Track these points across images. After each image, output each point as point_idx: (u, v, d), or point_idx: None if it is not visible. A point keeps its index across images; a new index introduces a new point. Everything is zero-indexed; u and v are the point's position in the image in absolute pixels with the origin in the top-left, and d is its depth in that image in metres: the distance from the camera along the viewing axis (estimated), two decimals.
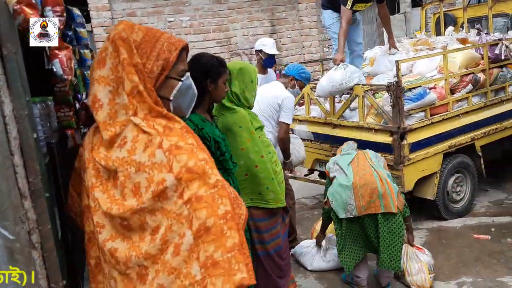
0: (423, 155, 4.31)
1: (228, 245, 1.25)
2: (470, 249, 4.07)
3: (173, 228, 1.28)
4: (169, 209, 1.29)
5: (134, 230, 1.35)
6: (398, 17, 17.06)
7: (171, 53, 1.45)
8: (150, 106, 1.38)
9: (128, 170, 1.34)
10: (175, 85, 1.50)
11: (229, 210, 1.28)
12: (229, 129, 2.83)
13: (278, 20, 7.68)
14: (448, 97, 4.46)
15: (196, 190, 1.28)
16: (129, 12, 6.74)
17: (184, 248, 1.27)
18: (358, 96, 4.46)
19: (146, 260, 1.31)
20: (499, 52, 4.60)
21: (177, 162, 1.30)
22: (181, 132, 1.38)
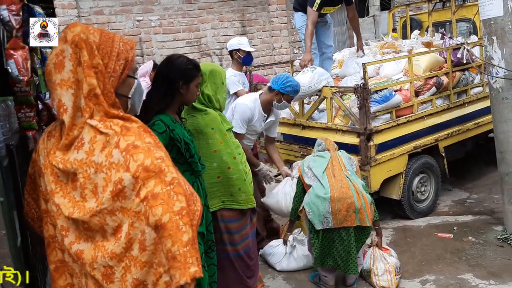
0: (389, 156, 4.40)
1: (184, 240, 1.29)
2: (434, 248, 4.18)
3: (135, 226, 1.32)
4: (128, 207, 1.32)
5: (96, 231, 1.37)
6: (368, 20, 17.34)
7: (129, 52, 1.49)
8: (105, 109, 1.40)
9: (87, 172, 1.35)
10: (133, 83, 1.55)
11: (184, 207, 1.32)
12: (201, 131, 2.83)
13: (248, 21, 7.70)
14: (413, 100, 4.58)
15: (153, 188, 1.31)
16: (96, 10, 6.62)
17: (149, 243, 1.31)
18: (326, 98, 4.52)
19: (111, 260, 1.34)
20: (461, 56, 4.75)
21: (134, 161, 1.32)
22: (139, 131, 1.40)
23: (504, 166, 4.07)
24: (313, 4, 4.83)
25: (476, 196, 5.34)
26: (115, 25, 6.79)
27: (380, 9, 17.50)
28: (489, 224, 4.52)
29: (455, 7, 5.81)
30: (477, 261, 3.86)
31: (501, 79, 3.90)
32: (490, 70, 3.98)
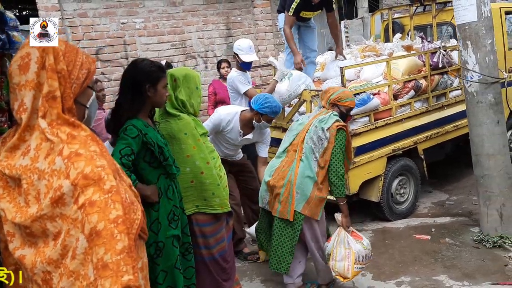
0: (367, 159, 4.45)
1: (117, 248, 1.30)
2: (411, 249, 4.23)
3: (71, 233, 1.33)
4: (68, 214, 1.34)
5: (39, 237, 1.39)
6: (356, 21, 17.46)
7: (91, 64, 1.56)
8: (58, 113, 1.43)
9: (31, 178, 1.38)
10: (91, 94, 1.60)
11: (120, 215, 1.34)
12: (174, 136, 2.85)
13: (233, 24, 7.71)
14: (392, 103, 4.63)
15: (91, 196, 1.32)
16: (80, 12, 6.59)
17: (79, 252, 1.32)
18: (306, 101, 4.56)
19: (49, 265, 1.36)
20: (437, 60, 4.81)
21: (74, 169, 1.34)
22: (85, 140, 1.43)
23: (479, 169, 4.13)
24: (289, 9, 4.89)
25: (456, 198, 5.42)
26: (99, 28, 6.77)
27: (368, 11, 17.64)
28: (467, 226, 4.59)
29: (436, 11, 5.88)
30: (452, 262, 3.92)
31: (476, 83, 3.96)
32: (465, 74, 4.04)
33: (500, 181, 4.04)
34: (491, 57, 3.94)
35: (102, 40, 6.79)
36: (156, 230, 2.48)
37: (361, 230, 4.74)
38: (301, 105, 4.68)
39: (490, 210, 4.11)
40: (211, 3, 7.51)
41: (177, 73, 2.89)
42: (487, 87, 3.93)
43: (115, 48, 6.90)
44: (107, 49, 6.84)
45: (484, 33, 3.89)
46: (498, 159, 4.02)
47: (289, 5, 4.88)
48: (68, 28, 6.54)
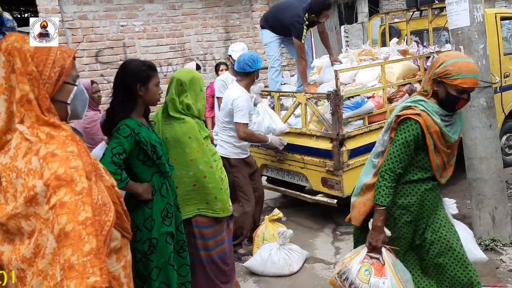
0: (362, 161, 4.47)
1: (85, 249, 1.31)
2: None
3: (43, 233, 1.35)
4: (40, 214, 1.36)
5: (15, 234, 1.42)
6: (356, 26, 17.54)
7: (66, 60, 1.54)
8: (37, 115, 1.45)
9: (10, 176, 1.40)
10: (71, 90, 1.58)
11: (89, 217, 1.35)
12: (178, 140, 2.86)
13: (232, 27, 7.78)
14: (386, 106, 4.67)
15: (62, 196, 1.34)
16: (80, 15, 6.67)
17: (48, 252, 1.34)
18: (301, 103, 4.60)
19: (23, 263, 1.38)
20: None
21: (48, 169, 1.36)
22: (64, 140, 1.44)
23: (472, 173, 4.17)
24: (302, 38, 4.92)
25: None
26: (99, 30, 6.85)
27: (368, 16, 17.72)
28: None
29: (432, 16, 5.92)
30: None
31: None
32: None
33: (492, 185, 4.07)
34: (484, 61, 3.97)
35: (101, 42, 6.87)
36: (149, 227, 2.52)
37: (350, 233, 4.79)
38: (296, 107, 4.72)
39: (483, 213, 4.14)
40: (210, 7, 7.58)
41: (183, 77, 2.89)
42: (480, 91, 3.96)
43: (115, 51, 6.97)
44: (107, 51, 6.91)
45: (477, 38, 3.92)
46: (491, 163, 4.05)
47: (300, 33, 4.91)
48: (68, 30, 6.60)
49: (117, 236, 1.66)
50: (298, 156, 4.70)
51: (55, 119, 1.49)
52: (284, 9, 5.14)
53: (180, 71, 3.01)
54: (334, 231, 4.95)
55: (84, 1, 6.72)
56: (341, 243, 4.62)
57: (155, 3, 7.19)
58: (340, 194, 4.43)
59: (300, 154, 4.70)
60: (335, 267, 4.06)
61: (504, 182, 4.24)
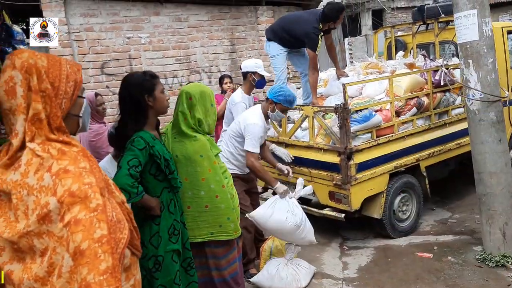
0: (369, 175, 4.44)
1: (101, 268, 1.29)
2: (413, 267, 4.20)
3: (57, 251, 1.32)
4: (54, 232, 1.33)
5: (26, 253, 1.38)
6: (360, 39, 17.63)
7: (77, 74, 1.53)
8: (46, 134, 1.43)
9: (20, 193, 1.37)
10: (82, 103, 1.58)
11: (105, 234, 1.32)
12: (189, 158, 2.78)
13: (237, 40, 7.79)
14: (394, 120, 4.64)
15: (76, 214, 1.31)
16: (87, 27, 6.69)
17: (65, 270, 1.31)
18: (308, 116, 4.58)
19: (36, 282, 1.34)
20: (439, 78, 4.84)
21: (61, 186, 1.33)
22: (75, 156, 1.41)
23: (482, 187, 4.12)
24: (316, 49, 4.88)
25: (458, 216, 5.38)
26: (105, 42, 6.86)
27: (372, 29, 17.81)
28: (469, 244, 4.55)
29: (438, 30, 5.92)
30: (455, 281, 3.88)
31: (477, 102, 3.97)
32: (467, 92, 4.06)
33: (502, 200, 4.02)
34: (493, 75, 3.95)
35: (107, 54, 6.88)
36: (156, 244, 2.47)
37: (363, 248, 4.74)
38: (304, 120, 4.70)
39: (493, 229, 4.08)
40: (216, 19, 7.60)
41: (193, 90, 2.81)
42: (489, 105, 3.94)
43: (120, 62, 6.98)
44: (113, 63, 6.92)
45: (486, 52, 3.91)
46: (501, 177, 4.01)
47: (315, 44, 4.86)
48: (75, 42, 6.63)
49: (127, 254, 1.63)
50: (305, 170, 4.66)
51: (65, 137, 1.48)
52: (294, 21, 5.11)
53: (189, 85, 2.96)
54: (341, 245, 4.90)
55: (90, 13, 6.75)
56: (349, 258, 4.56)
57: (161, 15, 7.22)
58: (348, 208, 4.39)
59: (307, 167, 4.66)
60: (343, 283, 4.01)
61: None
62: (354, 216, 4.61)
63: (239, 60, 7.78)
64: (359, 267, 4.34)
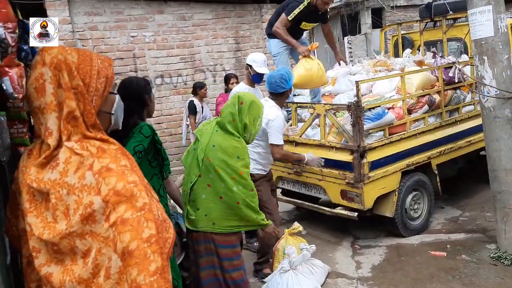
0: (382, 173, 4.41)
1: (151, 269, 1.26)
2: (427, 266, 4.16)
3: (102, 252, 1.29)
4: (98, 232, 1.29)
5: (66, 254, 1.34)
6: (360, 37, 17.62)
7: (108, 69, 1.48)
8: (83, 132, 1.38)
9: (60, 192, 1.32)
10: (114, 99, 1.54)
11: (153, 234, 1.29)
12: (225, 150, 2.81)
13: (242, 38, 7.74)
14: (406, 117, 4.61)
15: (123, 213, 1.27)
16: (91, 26, 6.63)
17: (114, 271, 1.28)
18: (320, 115, 4.53)
19: (79, 285, 1.30)
20: (453, 75, 4.80)
21: (105, 185, 1.29)
22: (115, 154, 1.38)
23: (497, 185, 4.08)
24: (290, 14, 4.88)
25: (469, 214, 5.35)
26: (109, 41, 6.80)
27: (371, 27, 17.80)
28: (482, 242, 4.52)
29: (446, 27, 5.89)
30: (471, 280, 3.85)
31: (493, 98, 3.94)
32: (482, 89, 4.02)
33: None
34: (508, 72, 3.92)
35: (112, 53, 6.82)
36: None
37: (374, 247, 4.70)
38: (315, 119, 4.65)
39: (508, 227, 4.05)
40: (220, 18, 7.55)
41: (245, 97, 2.94)
42: (504, 102, 3.91)
43: (125, 61, 6.93)
44: (117, 62, 6.85)
45: (501, 48, 3.87)
46: None
47: (291, 10, 4.87)
48: (79, 41, 6.56)
49: None
50: (316, 168, 4.62)
51: (101, 134, 1.43)
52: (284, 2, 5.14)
53: (243, 92, 3.12)
54: (353, 244, 4.86)
55: (95, 12, 6.68)
56: (362, 257, 4.52)
57: (165, 13, 7.16)
58: (360, 207, 4.35)
59: None
60: (358, 283, 3.97)
61: None
62: (365, 215, 4.57)
63: (243, 59, 7.73)
64: (373, 266, 4.30)
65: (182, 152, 7.39)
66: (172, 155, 7.35)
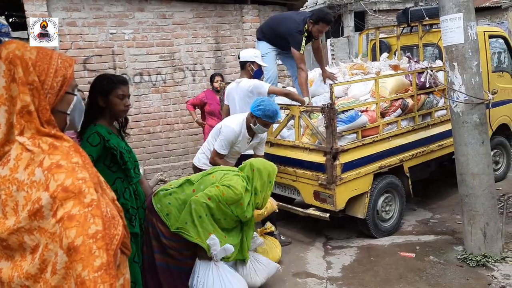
0: (354, 175, 4.47)
1: (96, 264, 1.27)
2: (396, 267, 4.24)
3: (49, 247, 1.29)
4: (46, 228, 1.29)
5: (16, 250, 1.34)
6: (342, 40, 17.79)
7: (67, 69, 1.49)
8: (37, 127, 1.38)
9: (10, 189, 1.33)
10: (72, 100, 1.54)
11: (100, 230, 1.30)
12: None
13: (222, 38, 7.74)
14: (379, 120, 4.68)
15: (70, 209, 1.28)
16: (69, 21, 6.54)
17: (60, 267, 1.28)
18: (294, 116, 4.58)
19: (27, 280, 1.31)
20: (424, 80, 4.90)
21: (54, 181, 1.29)
22: (67, 151, 1.38)
23: (464, 188, 4.18)
24: (301, 48, 4.87)
25: (439, 216, 5.47)
26: (88, 37, 6.73)
27: (354, 30, 17.98)
28: (450, 244, 4.62)
29: (422, 32, 6.00)
30: (437, 280, 3.94)
31: (461, 104, 4.03)
32: (451, 94, 4.12)
33: (484, 201, 4.09)
34: (477, 78, 4.02)
35: (90, 49, 6.75)
36: None
37: (346, 247, 4.77)
38: (290, 120, 4.70)
39: (474, 229, 4.15)
40: (201, 17, 7.54)
41: (256, 164, 3.27)
42: (473, 107, 4.00)
43: (103, 58, 6.86)
44: (95, 59, 6.79)
45: (470, 55, 3.97)
46: (483, 179, 4.08)
47: (298, 44, 4.85)
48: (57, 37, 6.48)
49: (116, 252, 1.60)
50: (290, 169, 4.67)
51: (55, 131, 1.43)
52: (282, 20, 5.14)
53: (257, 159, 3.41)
54: (325, 245, 4.92)
55: (73, 8, 6.60)
56: (333, 257, 4.58)
57: (146, 11, 7.11)
58: (332, 208, 4.41)
59: (293, 167, 4.67)
60: (327, 283, 4.02)
61: (495, 198, 4.26)
62: (338, 215, 4.63)
63: (223, 59, 7.75)
64: (343, 266, 4.37)
65: (161, 150, 7.38)
66: (150, 153, 7.33)
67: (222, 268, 3.12)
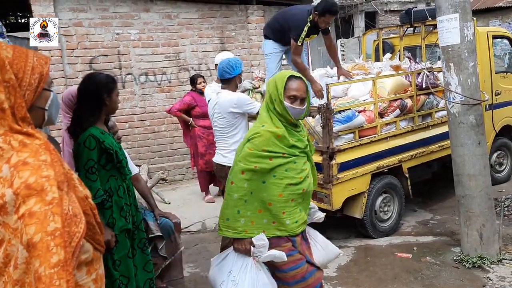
0: (351, 175, 4.49)
1: (52, 261, 1.30)
2: (392, 267, 4.24)
3: (12, 242, 1.34)
4: (9, 223, 1.34)
5: None
6: (353, 40, 17.71)
7: (43, 67, 1.54)
8: (10, 124, 1.43)
9: None
10: (49, 96, 1.59)
11: (58, 228, 1.33)
12: None
13: (227, 38, 7.81)
14: (377, 121, 4.68)
15: (31, 206, 1.32)
16: (76, 22, 6.67)
17: (21, 261, 1.32)
18: None
19: None
20: (421, 80, 4.89)
21: (18, 178, 1.34)
22: (37, 148, 1.42)
23: (461, 189, 4.17)
24: (298, 39, 4.75)
25: (440, 218, 5.44)
26: (94, 37, 6.85)
27: (365, 31, 17.88)
28: (448, 245, 4.61)
29: (425, 33, 5.97)
30: (431, 281, 3.93)
31: (458, 104, 4.02)
32: (448, 95, 4.11)
33: (480, 202, 4.08)
34: (473, 79, 4.01)
35: (96, 50, 6.87)
36: (111, 225, 2.75)
37: (343, 247, 4.78)
38: None
39: (470, 230, 4.14)
40: (206, 17, 7.61)
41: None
42: (469, 108, 3.99)
43: (109, 58, 6.98)
44: (101, 59, 6.91)
45: (467, 56, 3.96)
46: (479, 180, 4.07)
47: (297, 35, 4.73)
48: (63, 37, 6.61)
49: (88, 249, 1.64)
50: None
51: (29, 128, 1.48)
52: (288, 11, 5.03)
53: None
54: None
55: (80, 8, 6.73)
56: None
57: (151, 12, 7.22)
58: (329, 207, 4.42)
59: None
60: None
61: (492, 200, 4.24)
62: (335, 215, 4.65)
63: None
64: (339, 266, 4.37)
65: (165, 149, 7.46)
66: (155, 152, 7.42)
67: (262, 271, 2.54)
